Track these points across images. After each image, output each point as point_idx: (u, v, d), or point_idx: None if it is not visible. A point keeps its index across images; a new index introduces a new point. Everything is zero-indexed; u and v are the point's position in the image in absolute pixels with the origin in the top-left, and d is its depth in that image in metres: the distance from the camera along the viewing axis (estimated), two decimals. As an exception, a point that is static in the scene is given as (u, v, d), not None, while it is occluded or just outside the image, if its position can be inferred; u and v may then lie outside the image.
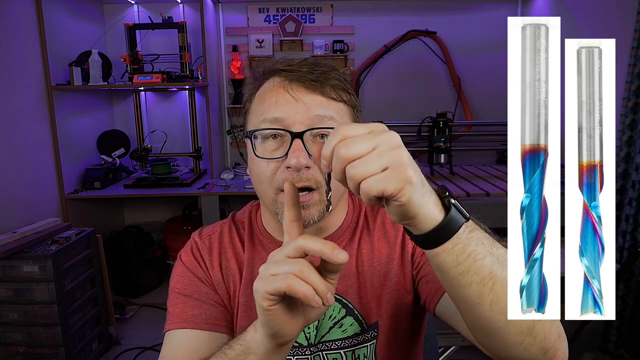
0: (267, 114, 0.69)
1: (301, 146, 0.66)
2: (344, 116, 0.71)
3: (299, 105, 0.68)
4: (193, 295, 0.77)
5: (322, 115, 0.68)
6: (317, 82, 0.68)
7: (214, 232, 0.85)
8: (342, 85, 0.71)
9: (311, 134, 0.67)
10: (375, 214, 0.84)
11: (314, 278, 0.49)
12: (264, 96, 0.71)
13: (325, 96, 0.69)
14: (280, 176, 0.68)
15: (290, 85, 0.69)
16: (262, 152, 0.69)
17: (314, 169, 0.68)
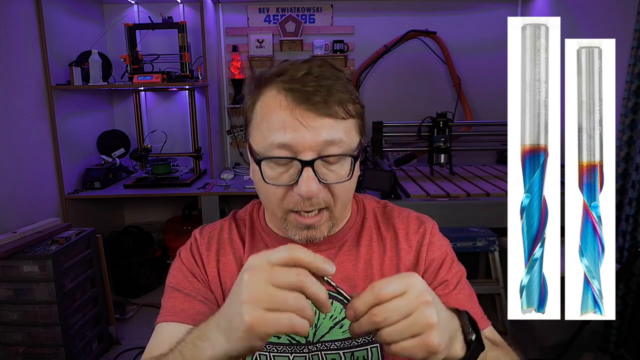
0: (274, 138, 0.66)
1: (311, 174, 0.65)
2: (351, 130, 0.69)
3: (307, 131, 0.65)
4: (184, 291, 0.78)
5: (331, 140, 0.66)
6: (324, 102, 0.65)
7: (214, 228, 0.85)
8: (349, 97, 0.68)
9: (321, 159, 0.67)
10: (388, 219, 0.84)
11: (311, 314, 0.49)
12: (268, 114, 0.67)
13: (333, 117, 0.66)
14: (290, 200, 0.69)
15: (297, 108, 0.65)
16: (271, 176, 0.68)
17: (324, 193, 0.68)
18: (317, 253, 0.76)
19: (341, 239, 0.80)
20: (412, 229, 0.82)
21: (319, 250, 0.78)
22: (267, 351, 0.77)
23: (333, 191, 0.69)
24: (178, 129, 3.25)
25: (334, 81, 0.67)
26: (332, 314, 0.77)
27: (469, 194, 2.34)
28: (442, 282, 0.79)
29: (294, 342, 0.77)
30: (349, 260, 0.79)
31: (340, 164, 0.68)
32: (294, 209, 0.69)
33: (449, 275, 0.79)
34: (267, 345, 0.77)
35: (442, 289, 0.79)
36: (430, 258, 0.79)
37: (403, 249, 0.80)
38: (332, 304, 0.76)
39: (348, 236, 0.81)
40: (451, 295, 0.78)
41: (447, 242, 0.83)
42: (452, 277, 0.79)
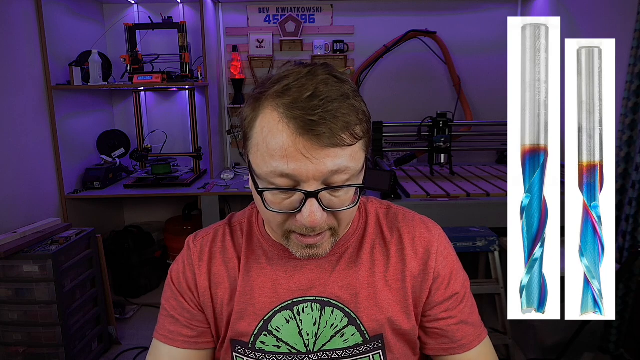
0: (276, 167, 0.62)
1: (316, 205, 0.63)
2: (357, 153, 0.65)
3: (310, 163, 0.61)
4: (171, 312, 0.80)
5: (336, 169, 0.62)
6: (330, 131, 0.60)
7: (208, 234, 0.83)
8: (356, 119, 0.63)
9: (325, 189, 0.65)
10: (392, 222, 0.82)
11: None
12: (269, 138, 0.62)
13: (339, 146, 0.61)
14: (292, 224, 0.67)
15: (300, 138, 0.60)
16: (272, 201, 0.66)
17: (329, 219, 0.67)
18: (317, 261, 0.77)
19: (342, 246, 0.78)
20: (419, 234, 0.79)
21: (321, 258, 0.76)
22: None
23: (337, 216, 0.68)
24: (178, 129, 3.25)
25: (340, 102, 0.61)
26: (333, 322, 0.75)
27: (469, 194, 2.34)
28: (454, 294, 0.78)
29: (294, 352, 0.75)
30: (350, 268, 0.77)
31: (345, 190, 0.66)
32: (296, 231, 0.68)
33: (457, 285, 0.79)
34: (267, 355, 0.76)
35: (454, 301, 0.78)
36: (440, 268, 0.78)
37: (409, 255, 0.78)
38: (332, 312, 0.76)
39: (350, 243, 0.78)
40: (459, 309, 0.78)
41: (453, 250, 0.82)
42: (461, 287, 0.79)
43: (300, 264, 0.77)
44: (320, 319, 0.75)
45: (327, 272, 0.76)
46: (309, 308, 0.76)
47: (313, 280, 0.76)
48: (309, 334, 0.75)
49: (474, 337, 0.78)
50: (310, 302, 0.76)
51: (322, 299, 0.76)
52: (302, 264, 0.77)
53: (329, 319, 0.75)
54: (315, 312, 0.75)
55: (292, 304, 0.76)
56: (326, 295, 0.76)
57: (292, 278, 0.76)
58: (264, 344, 0.76)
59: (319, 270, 0.77)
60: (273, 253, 0.78)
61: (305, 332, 0.75)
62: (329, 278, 0.76)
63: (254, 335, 0.76)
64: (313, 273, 0.76)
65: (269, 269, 0.77)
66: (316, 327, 0.76)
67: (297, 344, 0.76)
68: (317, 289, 0.76)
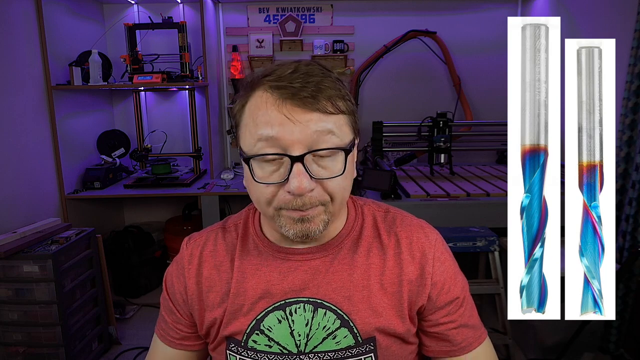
0: (261, 132, 0.65)
1: (302, 170, 0.64)
2: (343, 126, 0.68)
3: (295, 125, 0.64)
4: (162, 313, 0.85)
5: (320, 130, 0.64)
6: (312, 98, 0.64)
7: (200, 238, 0.84)
8: (339, 94, 0.67)
9: (311, 154, 0.65)
10: (389, 226, 0.81)
11: None
12: (256, 113, 0.66)
13: (322, 112, 0.65)
14: (281, 198, 0.67)
15: (284, 104, 0.64)
16: (261, 175, 0.67)
17: (317, 190, 0.66)
18: (311, 262, 0.77)
19: (337, 246, 0.77)
20: (416, 239, 0.79)
21: (313, 258, 0.76)
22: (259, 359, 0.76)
23: (327, 188, 0.67)
24: (178, 129, 3.25)
25: (321, 78, 0.66)
26: (325, 324, 0.75)
27: (469, 194, 2.34)
28: (454, 298, 0.78)
29: (286, 352, 0.75)
30: (345, 270, 0.76)
31: (332, 159, 0.66)
32: (285, 207, 0.67)
33: (457, 290, 0.79)
34: (258, 354, 0.75)
35: (455, 306, 0.78)
36: (438, 273, 0.77)
37: (406, 260, 0.77)
38: (325, 314, 0.75)
39: (344, 243, 0.78)
40: (459, 313, 0.79)
41: (450, 255, 0.81)
42: (461, 291, 0.79)
43: (294, 265, 0.76)
44: (312, 320, 0.75)
45: (321, 274, 0.76)
46: (302, 309, 0.75)
47: (307, 282, 0.76)
48: (301, 334, 0.75)
49: (473, 339, 0.79)
50: (303, 303, 0.75)
51: (315, 300, 0.75)
52: (296, 265, 0.76)
53: (321, 321, 0.75)
54: (308, 313, 0.75)
55: (285, 305, 0.75)
56: (319, 296, 0.75)
57: (285, 279, 0.76)
58: (256, 343, 0.76)
59: (312, 272, 0.76)
60: (267, 253, 0.78)
61: (297, 333, 0.75)
62: (322, 279, 0.76)
63: (246, 334, 0.76)
64: (307, 274, 0.76)
65: (263, 269, 0.77)
66: (308, 328, 0.75)
67: (289, 344, 0.75)
68: (310, 290, 0.75)
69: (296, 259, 0.77)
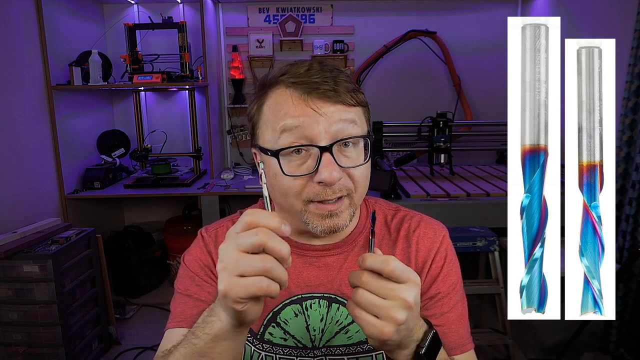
0: (285, 122, 0.66)
1: (331, 160, 0.65)
2: (362, 117, 0.71)
3: (320, 117, 0.65)
4: (194, 296, 0.78)
5: (344, 119, 0.67)
6: (334, 91, 0.66)
7: (221, 225, 0.84)
8: (355, 87, 0.70)
9: (337, 144, 0.67)
10: (399, 223, 0.82)
11: (281, 273, 0.50)
12: (277, 108, 0.68)
13: (344, 104, 0.67)
14: (310, 190, 0.67)
15: (309, 97, 0.66)
16: (289, 169, 0.67)
17: (344, 179, 0.68)
18: (326, 259, 0.77)
19: (351, 243, 0.79)
20: (423, 234, 0.80)
21: (328, 255, 0.78)
22: (274, 353, 0.77)
23: (352, 177, 0.68)
24: (178, 129, 3.25)
25: (337, 73, 0.69)
26: (338, 319, 0.77)
27: (469, 194, 2.34)
28: (437, 293, 0.77)
29: (300, 346, 0.77)
30: (358, 266, 0.78)
31: (355, 148, 0.69)
32: (315, 199, 0.67)
33: (443, 285, 0.78)
34: (273, 347, 0.77)
35: (435, 300, 0.77)
36: (435, 268, 0.78)
37: (412, 255, 0.79)
38: (338, 309, 0.77)
39: (357, 241, 0.80)
40: (437, 307, 0.77)
41: (453, 254, 0.82)
42: (446, 288, 0.78)
43: (309, 261, 0.78)
44: (327, 315, 0.77)
45: (334, 270, 0.78)
46: (317, 304, 0.77)
47: (321, 277, 0.77)
48: (316, 329, 0.77)
49: (455, 344, 0.76)
50: (318, 298, 0.77)
51: (330, 296, 0.77)
52: (312, 261, 0.78)
53: (335, 315, 0.77)
54: (323, 309, 0.77)
55: (301, 299, 0.77)
56: (333, 292, 0.77)
57: (301, 274, 0.78)
58: (272, 336, 0.77)
59: (327, 268, 0.78)
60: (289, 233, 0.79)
61: (312, 328, 0.77)
62: (336, 275, 0.77)
63: (263, 326, 0.77)
64: (321, 270, 0.78)
65: None
66: (322, 323, 0.77)
67: (304, 338, 0.77)
68: (324, 286, 0.77)
69: (311, 255, 0.78)
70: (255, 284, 0.49)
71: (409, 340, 0.56)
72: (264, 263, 0.49)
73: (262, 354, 0.77)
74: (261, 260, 0.49)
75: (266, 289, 0.49)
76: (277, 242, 0.50)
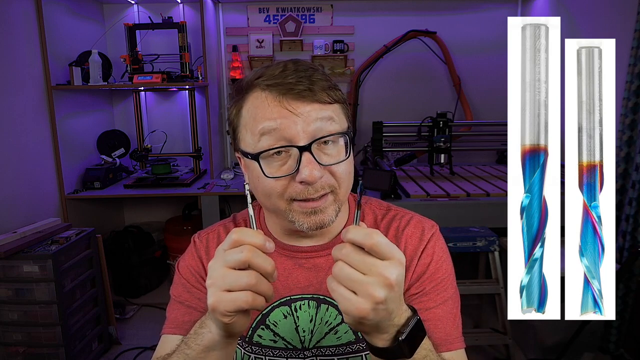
0: (263, 125, 0.66)
1: (311, 159, 0.65)
2: (340, 114, 0.70)
3: (297, 117, 0.66)
4: (185, 303, 0.79)
5: (321, 117, 0.67)
6: (309, 90, 0.66)
7: (213, 231, 0.85)
8: (330, 84, 0.70)
9: (316, 143, 0.67)
10: (389, 222, 0.81)
11: (265, 287, 0.53)
12: (255, 112, 0.68)
13: (320, 102, 0.67)
14: (293, 189, 0.67)
15: (284, 98, 0.66)
16: (270, 170, 0.67)
17: (326, 176, 0.68)
18: (315, 259, 0.77)
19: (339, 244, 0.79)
20: (411, 233, 0.79)
21: (317, 256, 0.78)
22: (263, 355, 0.77)
23: (334, 174, 0.68)
24: (178, 129, 3.25)
25: (311, 72, 0.68)
26: (327, 319, 0.77)
27: (469, 194, 2.34)
28: (422, 290, 0.75)
29: (290, 347, 0.77)
30: None
31: (335, 145, 0.68)
32: (298, 197, 0.67)
33: (431, 283, 0.75)
34: (262, 349, 0.77)
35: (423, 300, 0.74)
36: (422, 264, 0.76)
37: None
38: (327, 309, 0.77)
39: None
40: (419, 300, 0.74)
41: (444, 250, 0.79)
42: (440, 287, 0.75)
43: (298, 262, 0.78)
44: (316, 316, 0.77)
45: (324, 271, 0.77)
46: (306, 305, 0.77)
47: (310, 279, 0.77)
48: (305, 330, 0.77)
49: (442, 340, 0.73)
50: (307, 299, 0.77)
51: (318, 297, 0.77)
52: (301, 262, 0.78)
53: (324, 316, 0.77)
54: (312, 310, 0.77)
55: (290, 301, 0.77)
56: (322, 292, 0.77)
57: (290, 275, 0.78)
58: (261, 338, 0.77)
59: (316, 269, 0.78)
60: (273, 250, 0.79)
61: (302, 329, 0.77)
62: (324, 276, 0.77)
63: (251, 329, 0.77)
64: (311, 272, 0.78)
65: None
66: (312, 324, 0.77)
67: (293, 339, 0.77)
68: (314, 287, 0.77)
69: (301, 256, 0.78)
70: (242, 298, 0.52)
71: (388, 324, 0.54)
72: (249, 279, 0.52)
73: (251, 356, 0.78)
74: (246, 275, 0.52)
75: (252, 302, 0.52)
76: (261, 259, 0.53)
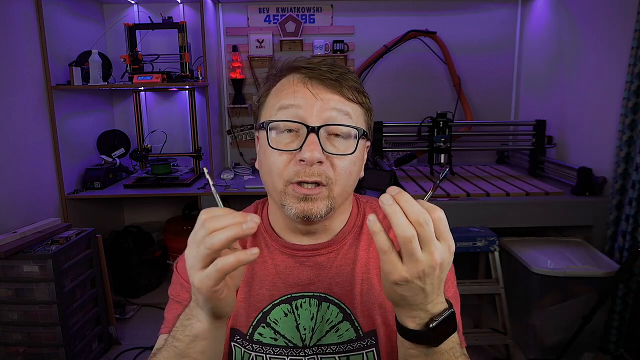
0: (284, 101, 0.70)
1: (316, 140, 0.67)
2: (359, 116, 0.72)
3: (316, 100, 0.69)
4: (183, 303, 0.79)
5: (338, 109, 0.69)
6: (336, 81, 0.70)
7: None
8: (359, 88, 0.72)
9: (326, 131, 0.68)
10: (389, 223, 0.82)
11: (222, 238, 0.51)
12: (280, 90, 0.72)
13: (343, 96, 0.70)
14: (291, 169, 0.68)
15: (310, 82, 0.70)
16: (277, 144, 0.69)
17: (326, 165, 0.68)
18: (317, 258, 0.77)
19: (340, 242, 0.79)
20: None
21: (319, 254, 0.78)
22: (264, 353, 0.77)
23: (335, 166, 0.69)
24: (178, 129, 3.25)
25: (346, 71, 0.72)
26: (328, 317, 0.77)
27: (469, 194, 2.34)
28: None
29: (291, 345, 0.77)
30: (347, 265, 0.78)
31: (345, 141, 0.70)
32: (293, 179, 0.68)
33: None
34: (263, 347, 0.77)
35: None
36: None
37: None
38: (328, 307, 0.76)
39: (347, 239, 0.79)
40: None
41: None
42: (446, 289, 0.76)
43: (300, 260, 0.78)
44: (317, 314, 0.77)
45: (325, 269, 0.78)
46: (307, 303, 0.77)
47: (311, 277, 0.77)
48: (306, 328, 0.77)
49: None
50: (309, 297, 0.77)
51: (320, 295, 0.77)
52: (302, 260, 0.78)
53: (325, 314, 0.76)
54: (313, 308, 0.77)
55: (291, 298, 0.77)
56: (322, 290, 0.77)
57: (291, 273, 0.78)
58: (262, 336, 0.77)
59: (318, 268, 0.78)
60: (275, 247, 0.79)
61: (302, 327, 0.77)
62: (326, 274, 0.77)
63: (252, 327, 0.77)
64: (312, 270, 0.78)
65: (270, 262, 0.79)
66: (313, 322, 0.77)
67: (294, 337, 0.77)
68: (315, 285, 0.77)
69: (302, 254, 0.78)
70: (214, 268, 0.52)
71: (421, 305, 0.55)
72: (208, 241, 0.51)
73: (252, 354, 0.77)
74: (204, 242, 0.52)
75: (225, 266, 0.52)
76: (215, 221, 0.52)
